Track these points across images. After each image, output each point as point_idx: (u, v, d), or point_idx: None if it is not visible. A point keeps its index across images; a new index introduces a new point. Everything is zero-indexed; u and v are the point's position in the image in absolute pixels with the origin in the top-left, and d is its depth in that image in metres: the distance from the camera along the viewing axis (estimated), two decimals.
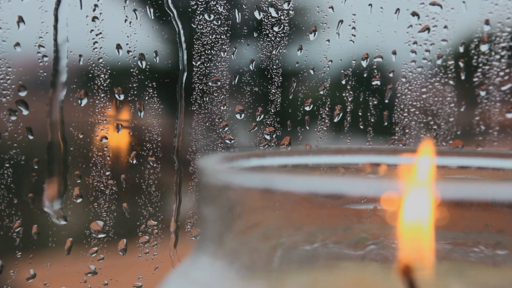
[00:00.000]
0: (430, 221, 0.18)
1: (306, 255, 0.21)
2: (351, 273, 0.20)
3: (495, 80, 0.40)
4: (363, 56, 0.42)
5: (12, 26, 0.37)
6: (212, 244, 0.20)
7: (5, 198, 0.39)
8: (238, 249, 0.20)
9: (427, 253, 0.19)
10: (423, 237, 0.18)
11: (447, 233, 0.22)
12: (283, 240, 0.21)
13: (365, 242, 0.21)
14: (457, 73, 0.41)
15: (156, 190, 0.42)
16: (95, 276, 0.41)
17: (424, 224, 0.18)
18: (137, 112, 0.41)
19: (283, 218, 0.20)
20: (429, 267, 0.18)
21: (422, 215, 0.18)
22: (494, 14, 0.39)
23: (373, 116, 0.42)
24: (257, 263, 0.20)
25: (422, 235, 0.18)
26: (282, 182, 0.18)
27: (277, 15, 0.41)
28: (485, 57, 0.40)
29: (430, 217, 0.18)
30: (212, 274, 0.19)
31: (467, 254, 0.22)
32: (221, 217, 0.20)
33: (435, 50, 0.41)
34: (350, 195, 0.18)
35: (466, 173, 0.26)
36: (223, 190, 0.19)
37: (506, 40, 0.40)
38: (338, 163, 0.26)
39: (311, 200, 0.18)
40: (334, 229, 0.22)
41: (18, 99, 0.38)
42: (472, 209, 0.20)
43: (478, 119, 0.41)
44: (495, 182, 0.20)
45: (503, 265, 0.22)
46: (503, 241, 0.22)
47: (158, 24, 0.41)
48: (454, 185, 0.17)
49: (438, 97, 0.41)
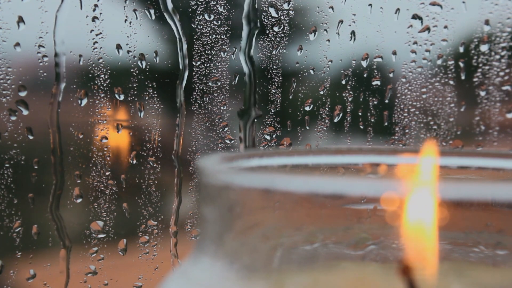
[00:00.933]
0: (430, 221, 0.18)
1: (306, 255, 0.21)
2: (351, 273, 0.20)
3: (495, 80, 0.40)
4: (363, 56, 0.42)
5: (12, 26, 0.37)
6: (212, 244, 0.20)
7: (5, 198, 0.39)
8: (238, 249, 0.20)
9: (427, 253, 0.19)
10: (423, 237, 0.18)
11: (448, 233, 0.22)
12: (283, 240, 0.21)
13: (365, 242, 0.21)
14: (457, 73, 0.41)
15: (156, 190, 0.42)
16: (95, 276, 0.41)
17: (424, 224, 0.18)
18: (137, 112, 0.41)
19: (283, 218, 0.20)
20: (429, 267, 0.18)
21: (422, 215, 0.18)
22: (494, 14, 0.39)
23: (373, 116, 0.42)
24: (257, 263, 0.20)
25: (422, 235, 0.18)
26: (282, 182, 0.18)
27: (277, 15, 0.41)
28: (485, 57, 0.40)
29: (430, 217, 0.18)
30: (212, 274, 0.19)
31: (467, 254, 0.22)
32: (221, 217, 0.20)
33: (435, 50, 0.41)
34: (350, 195, 0.18)
35: (466, 173, 0.26)
36: (223, 190, 0.19)
37: (506, 40, 0.40)
38: (338, 163, 0.26)
39: (311, 200, 0.18)
40: (334, 229, 0.22)
41: (18, 99, 0.38)
42: (472, 209, 0.20)
43: (478, 119, 0.41)
44: (495, 182, 0.20)
45: (503, 265, 0.22)
46: (503, 241, 0.22)
47: (158, 24, 0.41)
48: (454, 185, 0.17)
49: (438, 97, 0.41)
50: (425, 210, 0.18)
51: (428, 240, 0.18)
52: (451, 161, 0.26)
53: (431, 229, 0.18)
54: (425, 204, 0.17)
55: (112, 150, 0.41)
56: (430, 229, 0.18)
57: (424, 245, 0.19)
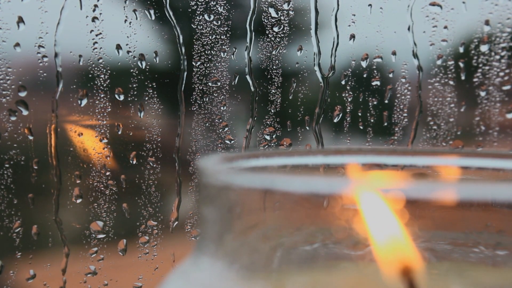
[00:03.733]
0: (431, 221, 0.18)
1: (306, 255, 0.21)
2: (351, 273, 0.20)
3: (495, 80, 0.40)
4: (363, 56, 0.42)
5: (12, 26, 0.37)
6: (212, 244, 0.20)
7: (5, 198, 0.39)
8: (238, 250, 0.20)
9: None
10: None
11: (447, 233, 0.22)
12: (283, 240, 0.21)
13: (365, 242, 0.21)
14: (457, 73, 0.41)
15: (156, 190, 0.42)
16: (95, 277, 0.41)
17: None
18: (137, 112, 0.41)
19: (283, 218, 0.20)
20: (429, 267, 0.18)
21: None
22: (494, 15, 0.39)
23: (372, 116, 0.42)
24: (257, 263, 0.20)
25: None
26: (282, 182, 0.18)
27: (277, 15, 0.41)
28: (485, 57, 0.40)
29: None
30: (212, 274, 0.19)
31: (467, 255, 0.22)
32: (221, 218, 0.20)
33: (435, 50, 0.41)
34: (350, 195, 0.18)
35: (466, 173, 0.25)
36: (223, 191, 0.19)
37: (506, 40, 0.40)
38: (338, 163, 0.26)
39: (311, 200, 0.18)
40: (334, 229, 0.22)
41: (18, 99, 0.38)
42: (472, 209, 0.20)
43: (478, 119, 0.41)
44: (495, 182, 0.20)
45: (503, 265, 0.22)
46: (503, 241, 0.22)
47: (158, 24, 0.41)
48: (454, 185, 0.17)
49: (438, 97, 0.41)
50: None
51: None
52: (451, 161, 0.26)
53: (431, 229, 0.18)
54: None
55: (112, 150, 0.41)
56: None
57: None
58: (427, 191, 0.16)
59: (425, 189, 0.16)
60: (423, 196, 0.17)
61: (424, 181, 0.23)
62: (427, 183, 0.17)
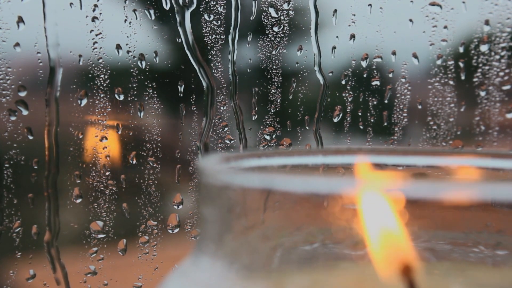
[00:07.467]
0: (431, 221, 0.18)
1: (306, 255, 0.21)
2: (351, 274, 0.20)
3: (495, 80, 0.40)
4: (363, 56, 0.42)
5: (12, 26, 0.37)
6: (212, 244, 0.20)
7: (5, 198, 0.39)
8: (238, 249, 0.20)
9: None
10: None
11: (447, 233, 0.22)
12: (283, 240, 0.21)
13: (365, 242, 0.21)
14: (457, 73, 0.41)
15: (156, 190, 0.42)
16: (95, 276, 0.41)
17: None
18: (137, 112, 0.41)
19: (283, 218, 0.20)
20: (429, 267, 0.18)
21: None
22: (494, 15, 0.39)
23: (372, 116, 0.42)
24: (257, 263, 0.20)
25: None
26: (282, 182, 0.18)
27: (277, 15, 0.41)
28: (485, 57, 0.40)
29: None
30: (212, 274, 0.19)
31: (467, 254, 0.22)
32: (221, 217, 0.20)
33: (435, 50, 0.41)
34: (350, 195, 0.18)
35: (466, 173, 0.25)
36: (223, 190, 0.19)
37: (506, 40, 0.40)
38: (338, 163, 0.26)
39: (311, 200, 0.18)
40: (334, 229, 0.22)
41: (18, 99, 0.38)
42: (472, 209, 0.20)
43: (478, 119, 0.41)
44: (495, 182, 0.20)
45: (503, 265, 0.22)
46: (503, 241, 0.22)
47: (158, 24, 0.41)
48: (454, 185, 0.17)
49: (438, 97, 0.41)
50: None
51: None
52: (451, 161, 0.26)
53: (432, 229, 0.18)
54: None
55: (112, 150, 0.41)
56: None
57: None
58: (427, 191, 0.16)
59: (425, 189, 0.16)
60: (423, 196, 0.17)
61: (424, 181, 0.23)
62: (427, 183, 0.17)
